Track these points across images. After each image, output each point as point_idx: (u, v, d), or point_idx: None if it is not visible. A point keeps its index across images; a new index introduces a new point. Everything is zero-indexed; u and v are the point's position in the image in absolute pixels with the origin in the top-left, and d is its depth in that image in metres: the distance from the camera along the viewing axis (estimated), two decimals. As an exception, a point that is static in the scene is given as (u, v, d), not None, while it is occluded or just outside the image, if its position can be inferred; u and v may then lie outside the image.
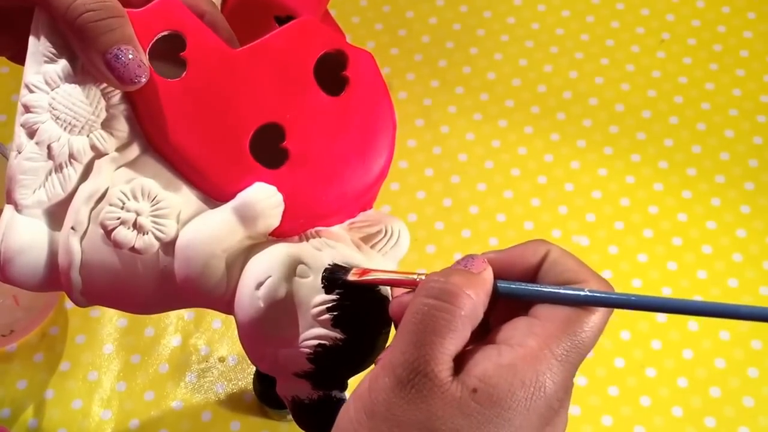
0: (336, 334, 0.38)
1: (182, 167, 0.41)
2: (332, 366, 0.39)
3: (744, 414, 0.68)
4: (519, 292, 0.36)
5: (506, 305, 0.36)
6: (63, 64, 0.39)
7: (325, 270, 0.39)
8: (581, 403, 0.68)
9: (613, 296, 0.34)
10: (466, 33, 0.86)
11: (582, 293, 0.34)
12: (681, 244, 0.75)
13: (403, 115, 0.81)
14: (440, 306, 0.33)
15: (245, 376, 0.70)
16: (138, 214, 0.40)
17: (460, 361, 0.34)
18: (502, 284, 0.36)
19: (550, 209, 0.77)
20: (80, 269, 0.40)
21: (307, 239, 0.41)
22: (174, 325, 0.72)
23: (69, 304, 0.73)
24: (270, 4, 0.61)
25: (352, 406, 0.34)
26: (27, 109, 0.39)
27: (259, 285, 0.39)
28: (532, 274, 0.36)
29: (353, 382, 0.40)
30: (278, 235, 0.41)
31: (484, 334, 0.36)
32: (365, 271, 0.39)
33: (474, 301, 0.34)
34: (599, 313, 0.34)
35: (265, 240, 0.41)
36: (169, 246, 0.40)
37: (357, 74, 0.43)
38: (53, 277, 0.40)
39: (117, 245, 0.40)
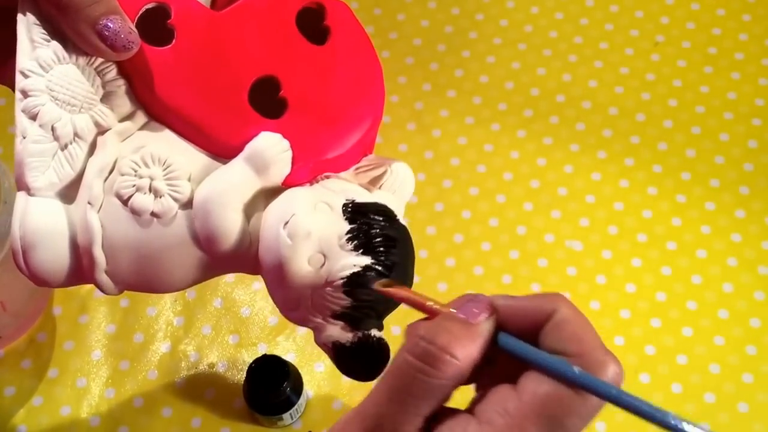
0: (367, 261, 0.38)
1: (186, 131, 0.41)
2: (368, 296, 0.39)
3: (739, 420, 0.67)
4: (514, 350, 0.33)
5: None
6: (55, 46, 0.39)
7: (344, 204, 0.40)
8: (574, 410, 0.68)
9: (608, 387, 0.30)
10: (458, 36, 0.85)
11: (573, 371, 0.31)
12: (675, 249, 0.74)
13: (394, 118, 0.81)
14: (420, 368, 0.32)
15: (235, 383, 0.69)
16: (152, 179, 0.40)
17: (433, 423, 0.32)
18: (504, 338, 0.33)
19: (543, 213, 0.76)
20: (102, 245, 0.40)
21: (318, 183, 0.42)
22: (163, 331, 0.72)
23: (57, 310, 0.73)
24: None
25: None
26: (25, 94, 0.39)
27: (285, 224, 0.39)
28: (537, 333, 0.33)
29: (388, 321, 0.40)
30: (290, 183, 0.42)
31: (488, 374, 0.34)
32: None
33: (459, 366, 0.32)
34: (592, 397, 0.31)
35: (279, 189, 0.42)
36: (187, 206, 0.40)
37: (337, 23, 0.44)
38: (78, 263, 0.40)
39: (135, 212, 0.40)
